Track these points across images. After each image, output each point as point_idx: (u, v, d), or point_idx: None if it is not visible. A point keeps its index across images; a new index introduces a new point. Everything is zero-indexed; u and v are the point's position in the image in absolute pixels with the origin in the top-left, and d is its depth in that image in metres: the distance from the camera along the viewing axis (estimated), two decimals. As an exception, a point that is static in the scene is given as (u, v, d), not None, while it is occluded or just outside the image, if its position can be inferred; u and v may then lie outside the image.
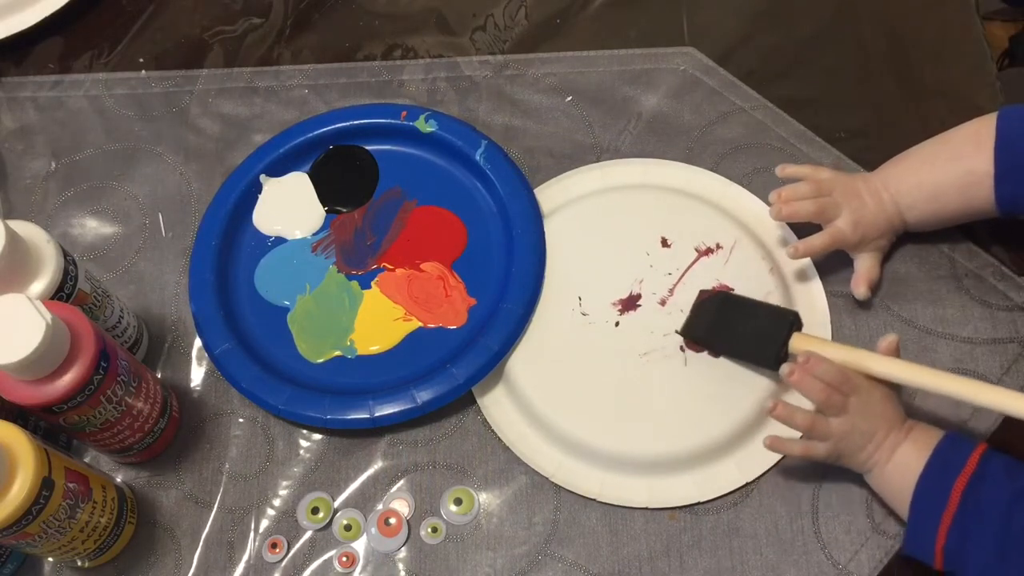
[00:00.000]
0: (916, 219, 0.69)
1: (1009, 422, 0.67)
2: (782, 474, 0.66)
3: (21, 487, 0.56)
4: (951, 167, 0.67)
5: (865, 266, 0.70)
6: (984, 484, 0.57)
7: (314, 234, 0.76)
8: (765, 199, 0.75)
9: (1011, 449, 0.65)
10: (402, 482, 0.68)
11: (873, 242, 0.70)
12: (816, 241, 0.69)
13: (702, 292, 0.70)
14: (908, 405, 0.65)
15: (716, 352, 0.68)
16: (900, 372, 0.61)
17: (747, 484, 0.66)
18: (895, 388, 0.62)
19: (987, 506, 0.56)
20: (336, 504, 0.68)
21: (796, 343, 0.64)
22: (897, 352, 0.63)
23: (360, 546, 0.66)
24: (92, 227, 0.79)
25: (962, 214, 0.69)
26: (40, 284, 0.63)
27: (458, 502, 0.67)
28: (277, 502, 0.68)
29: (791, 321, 0.65)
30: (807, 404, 0.62)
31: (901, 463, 0.60)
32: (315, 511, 0.67)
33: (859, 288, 0.70)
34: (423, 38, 0.86)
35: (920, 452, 0.60)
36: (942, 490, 0.58)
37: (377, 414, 0.68)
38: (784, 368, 0.62)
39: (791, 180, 0.71)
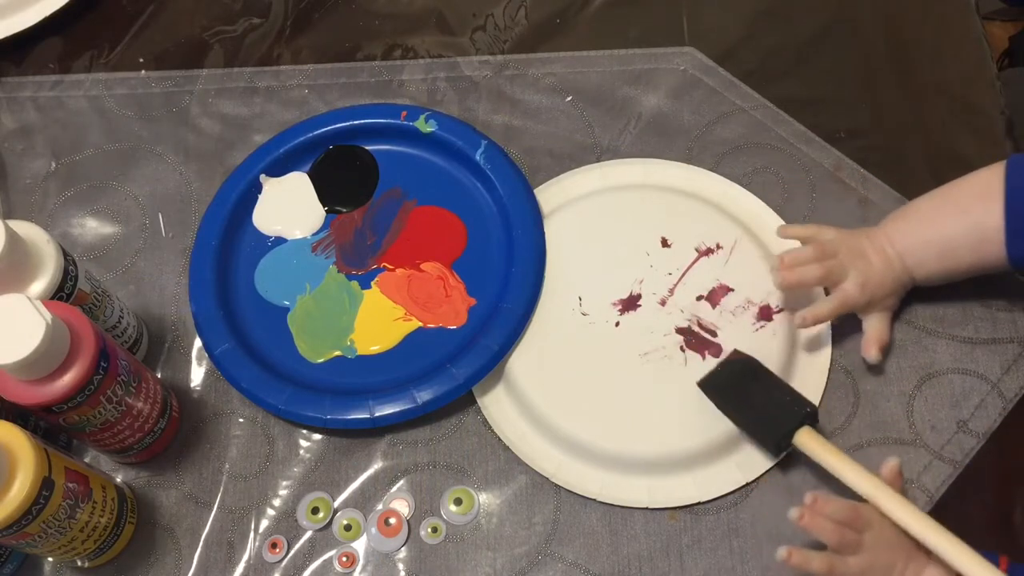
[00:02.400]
0: (925, 276, 0.67)
1: (1008, 423, 0.67)
2: (782, 474, 0.66)
3: (21, 487, 0.56)
4: (959, 223, 0.64)
5: (875, 327, 0.68)
6: None
7: (314, 234, 0.76)
8: (765, 199, 0.75)
9: (1010, 454, 0.66)
10: (402, 482, 0.68)
11: (882, 302, 0.67)
12: (823, 308, 0.66)
13: (736, 351, 0.67)
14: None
15: (725, 414, 0.65)
16: (899, 513, 0.58)
17: (747, 484, 0.66)
18: None
19: None
20: (336, 504, 0.68)
21: (802, 439, 0.62)
22: (899, 477, 0.61)
23: (360, 546, 0.66)
24: (92, 227, 0.79)
25: (975, 269, 0.66)
26: (40, 284, 0.63)
27: (458, 502, 0.67)
28: (277, 502, 0.68)
29: (806, 414, 0.63)
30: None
31: None
32: (315, 511, 0.67)
33: (870, 352, 0.67)
34: (423, 38, 0.86)
35: (946, 574, 0.57)
36: None
37: (377, 414, 0.68)
38: (792, 512, 0.59)
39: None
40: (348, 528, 0.67)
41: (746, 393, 0.65)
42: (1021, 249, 0.62)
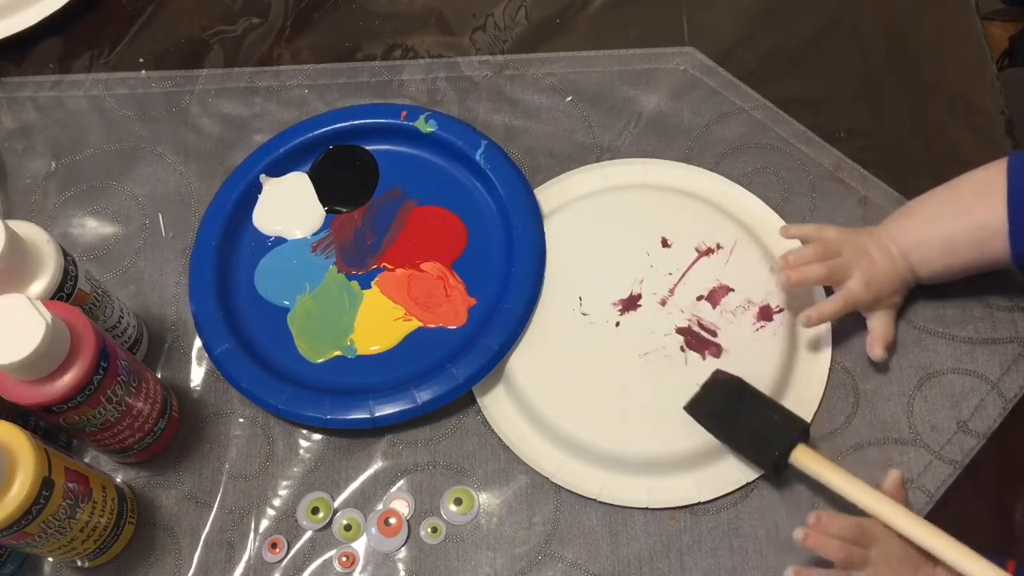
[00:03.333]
0: (929, 274, 0.67)
1: (1008, 423, 0.67)
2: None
3: (21, 487, 0.56)
4: (962, 221, 0.64)
5: (880, 326, 0.68)
6: None
7: (314, 234, 0.76)
8: (765, 199, 0.75)
9: (1010, 454, 0.66)
10: (402, 482, 0.68)
11: (887, 300, 0.67)
12: (829, 306, 0.66)
13: (717, 371, 0.67)
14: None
15: (716, 437, 0.65)
16: (904, 525, 0.58)
17: (747, 484, 0.66)
18: None
19: None
20: (336, 504, 0.68)
21: (799, 457, 0.62)
22: (902, 488, 0.61)
23: (360, 546, 0.66)
24: (92, 227, 0.79)
25: (978, 266, 0.66)
26: (40, 284, 0.63)
27: (458, 502, 0.67)
28: (277, 502, 0.68)
29: (799, 431, 0.63)
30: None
31: None
32: (315, 511, 0.67)
33: (875, 350, 0.67)
34: (423, 38, 0.86)
35: None
36: None
37: (377, 414, 0.68)
38: (797, 533, 0.58)
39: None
40: (348, 528, 0.67)
41: (735, 415, 0.65)
42: (1023, 247, 0.62)
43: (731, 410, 0.65)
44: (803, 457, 0.62)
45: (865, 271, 0.66)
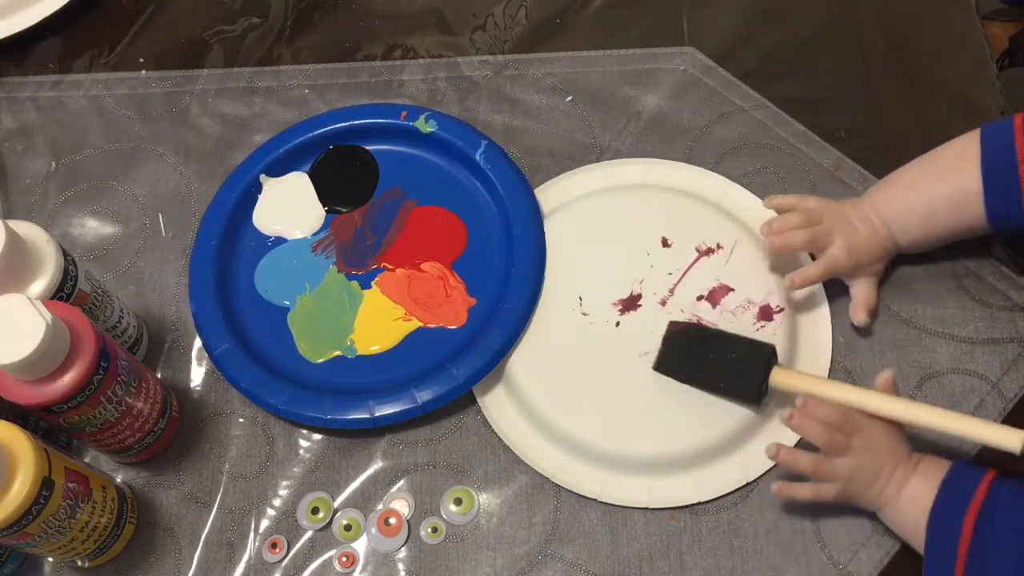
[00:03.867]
0: (909, 241, 0.69)
1: (1008, 423, 0.67)
2: (782, 474, 0.66)
3: (21, 487, 0.56)
4: (939, 188, 0.67)
5: (862, 292, 0.69)
6: (997, 511, 0.56)
7: (314, 234, 0.76)
8: (765, 199, 0.75)
9: (1010, 454, 0.65)
10: (402, 482, 0.68)
11: (868, 267, 0.69)
12: (812, 271, 0.68)
13: (672, 324, 0.69)
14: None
15: (693, 385, 0.67)
16: (887, 405, 0.61)
17: (747, 484, 0.66)
18: (897, 422, 0.61)
19: (1002, 533, 0.56)
20: (336, 504, 0.68)
21: (778, 378, 0.64)
22: (894, 388, 0.62)
23: (360, 546, 0.66)
24: (92, 227, 0.79)
25: (955, 233, 0.68)
26: (40, 284, 0.63)
27: (458, 502, 0.67)
28: (277, 502, 0.68)
29: (769, 355, 0.64)
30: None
31: (912, 497, 0.60)
32: (315, 511, 0.67)
33: (858, 315, 0.69)
34: (423, 38, 0.86)
35: (929, 484, 0.59)
36: (955, 521, 0.57)
37: (377, 414, 0.68)
38: (783, 413, 0.61)
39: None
40: (348, 528, 0.67)
41: (704, 359, 0.66)
42: (998, 209, 0.65)
43: (698, 356, 0.66)
44: (782, 378, 0.64)
45: (847, 238, 0.68)
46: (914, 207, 0.68)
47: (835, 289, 0.71)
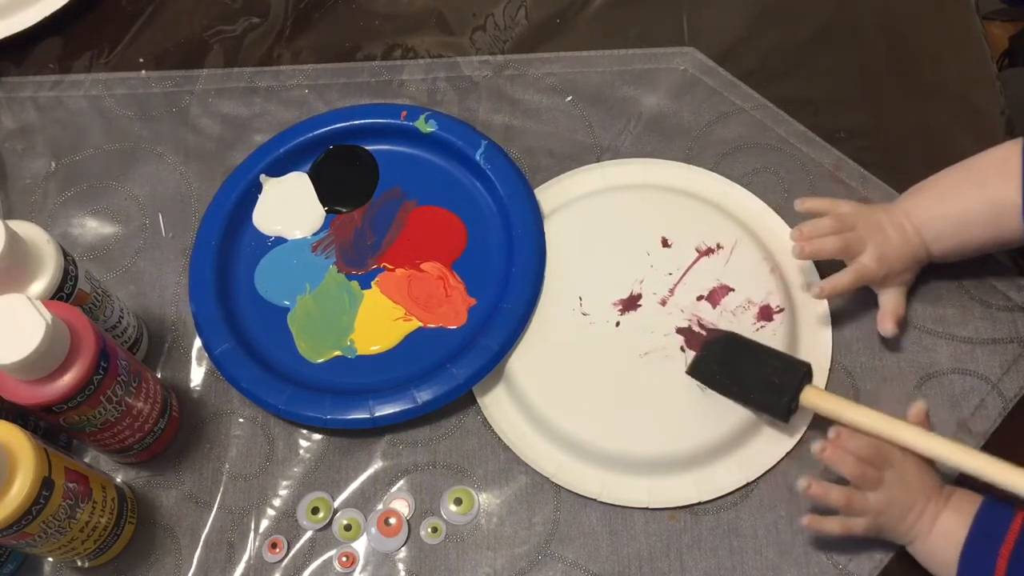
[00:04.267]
0: (941, 251, 0.67)
1: (1008, 423, 0.67)
2: (782, 474, 0.66)
3: (21, 487, 0.56)
4: (976, 197, 0.65)
5: (892, 301, 0.68)
6: None
7: (314, 234, 0.76)
8: (765, 199, 0.75)
9: (1010, 454, 0.65)
10: (402, 482, 0.68)
11: (898, 276, 0.67)
12: (841, 279, 0.66)
13: (710, 331, 0.68)
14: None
15: (723, 394, 0.66)
16: (923, 442, 0.59)
17: (747, 484, 0.66)
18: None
19: None
20: (336, 504, 0.68)
21: (809, 397, 0.63)
22: (927, 421, 0.61)
23: (360, 546, 0.66)
24: (92, 227, 0.79)
25: (989, 245, 0.66)
26: (40, 284, 0.63)
27: (458, 502, 0.67)
28: (277, 502, 0.68)
29: (803, 372, 0.64)
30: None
31: (943, 533, 0.59)
32: (315, 511, 0.67)
33: (886, 325, 0.67)
34: (423, 38, 0.86)
35: (962, 520, 0.58)
36: (988, 558, 0.56)
37: (377, 414, 0.68)
38: (815, 445, 0.59)
39: (811, 215, 0.68)
40: (348, 528, 0.67)
41: (738, 369, 0.65)
42: None
43: (733, 365, 0.66)
44: (813, 397, 0.63)
45: (878, 245, 0.66)
46: (948, 216, 0.66)
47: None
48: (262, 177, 0.78)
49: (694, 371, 0.67)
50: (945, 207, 0.66)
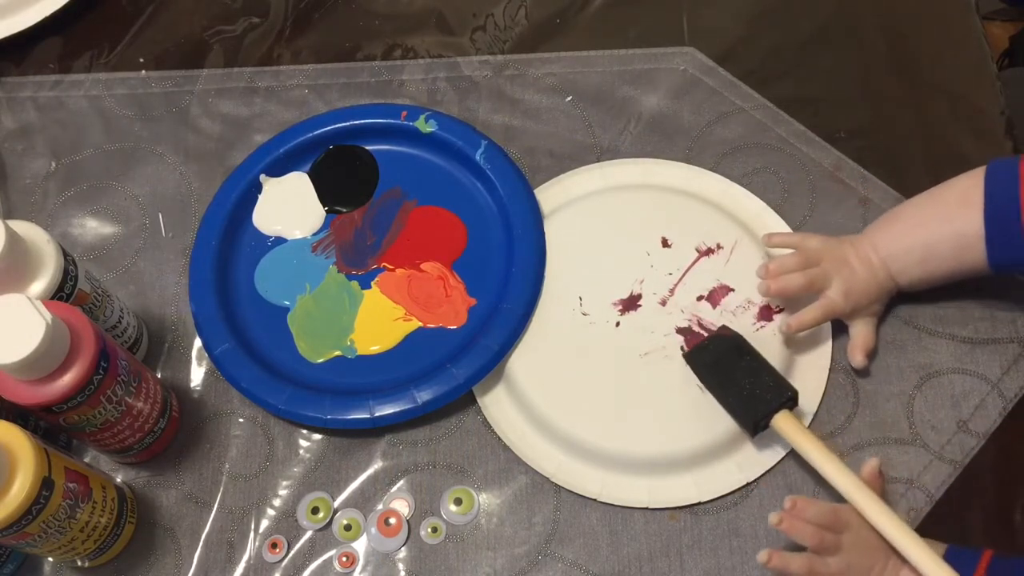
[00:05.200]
0: (908, 282, 0.67)
1: (1008, 423, 0.67)
2: (782, 474, 0.66)
3: (21, 487, 0.56)
4: (941, 230, 0.65)
5: (860, 333, 0.68)
6: None
7: (314, 234, 0.76)
8: (765, 199, 0.75)
9: (1010, 454, 0.66)
10: (402, 482, 0.68)
11: (866, 308, 0.68)
12: (808, 315, 0.67)
13: (723, 327, 0.68)
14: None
15: (706, 388, 0.67)
16: (871, 513, 0.59)
17: (747, 484, 0.66)
18: None
19: None
20: (336, 504, 0.68)
21: (780, 422, 0.63)
22: (879, 477, 0.62)
23: (360, 546, 0.66)
24: (92, 227, 0.79)
25: (956, 275, 0.67)
26: (40, 284, 0.63)
27: (458, 502, 0.67)
28: (277, 502, 0.68)
29: (787, 397, 0.64)
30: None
31: None
32: (315, 511, 0.67)
33: (855, 357, 0.68)
34: (423, 38, 0.86)
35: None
36: None
37: (377, 414, 0.68)
38: (772, 517, 0.59)
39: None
40: (348, 528, 0.67)
41: (731, 370, 0.66)
42: (1000, 256, 0.63)
43: (727, 365, 0.66)
44: (784, 423, 0.63)
45: (844, 280, 0.67)
46: (913, 249, 0.66)
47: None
48: (262, 177, 0.78)
49: (690, 357, 0.67)
50: (911, 240, 0.67)
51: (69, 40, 0.88)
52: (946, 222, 0.65)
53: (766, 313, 0.70)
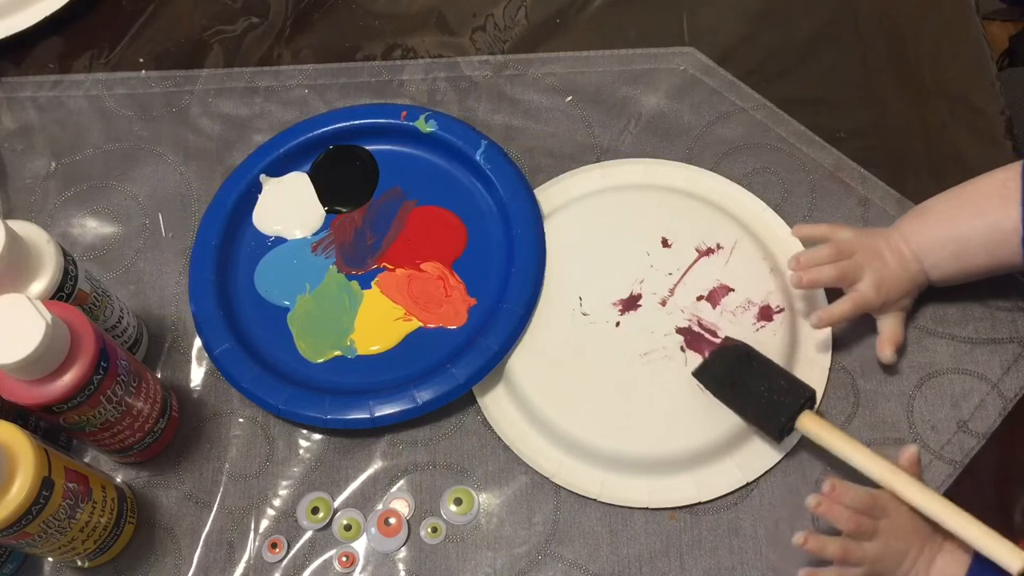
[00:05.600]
0: (940, 276, 0.66)
1: (1008, 423, 0.67)
2: (782, 474, 0.66)
3: (21, 487, 0.56)
4: (976, 223, 0.64)
5: (890, 328, 0.67)
6: None
7: (314, 234, 0.76)
8: (765, 199, 0.75)
9: (1010, 454, 0.66)
10: (402, 482, 0.68)
11: (897, 302, 0.67)
12: (839, 308, 0.66)
13: (726, 338, 0.68)
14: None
15: (723, 402, 0.66)
16: (912, 494, 0.59)
17: (747, 484, 0.66)
18: None
19: None
20: (336, 504, 0.68)
21: (805, 423, 0.63)
22: (917, 464, 0.61)
23: (360, 546, 0.66)
24: (92, 227, 0.79)
25: (989, 270, 0.66)
26: (40, 284, 0.63)
27: (458, 502, 0.67)
28: (277, 502, 0.68)
29: (807, 397, 0.63)
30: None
31: None
32: (315, 511, 0.67)
33: (885, 352, 0.67)
34: (423, 38, 0.86)
35: (958, 563, 0.58)
36: None
37: (377, 414, 0.68)
38: (811, 499, 0.59)
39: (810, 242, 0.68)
40: (348, 528, 0.67)
41: (743, 380, 0.65)
42: None
43: (738, 375, 0.65)
44: (810, 423, 0.62)
45: (876, 273, 0.66)
46: (947, 242, 0.65)
47: (835, 295, 0.71)
48: (262, 177, 0.78)
49: (700, 374, 0.67)
50: (945, 233, 0.65)
51: (69, 40, 0.88)
52: (981, 215, 0.64)
53: (766, 313, 0.70)
